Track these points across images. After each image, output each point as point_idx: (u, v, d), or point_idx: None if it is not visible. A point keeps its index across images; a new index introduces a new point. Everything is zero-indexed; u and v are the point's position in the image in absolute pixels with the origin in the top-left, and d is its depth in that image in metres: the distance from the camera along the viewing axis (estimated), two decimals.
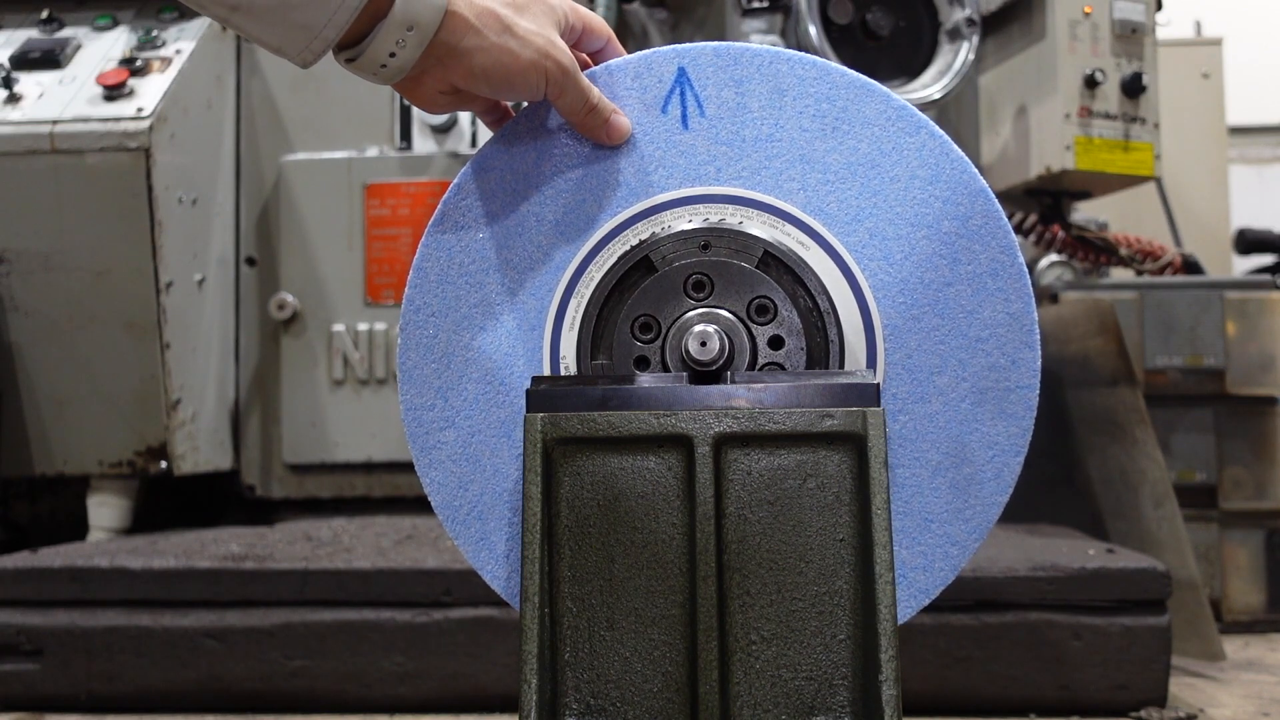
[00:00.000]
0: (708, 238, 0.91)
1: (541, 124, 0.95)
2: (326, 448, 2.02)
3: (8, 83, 1.87)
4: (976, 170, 0.92)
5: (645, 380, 0.86)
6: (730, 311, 0.89)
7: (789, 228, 0.92)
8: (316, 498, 2.05)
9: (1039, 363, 0.91)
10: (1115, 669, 1.41)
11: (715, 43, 0.95)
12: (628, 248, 0.92)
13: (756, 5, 1.92)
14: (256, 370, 2.06)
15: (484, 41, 0.86)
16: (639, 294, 0.91)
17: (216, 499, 2.13)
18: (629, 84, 0.94)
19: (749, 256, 0.90)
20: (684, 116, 0.94)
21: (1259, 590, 2.05)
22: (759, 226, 0.91)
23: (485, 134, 1.99)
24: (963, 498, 0.91)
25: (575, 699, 0.81)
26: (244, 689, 1.46)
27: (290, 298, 2.02)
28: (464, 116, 2.03)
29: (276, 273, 2.04)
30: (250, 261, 2.06)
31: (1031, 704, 1.42)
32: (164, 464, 1.86)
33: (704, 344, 0.85)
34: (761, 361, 0.89)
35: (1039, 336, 0.91)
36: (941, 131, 0.93)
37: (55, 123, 1.79)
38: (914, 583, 0.91)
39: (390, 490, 2.02)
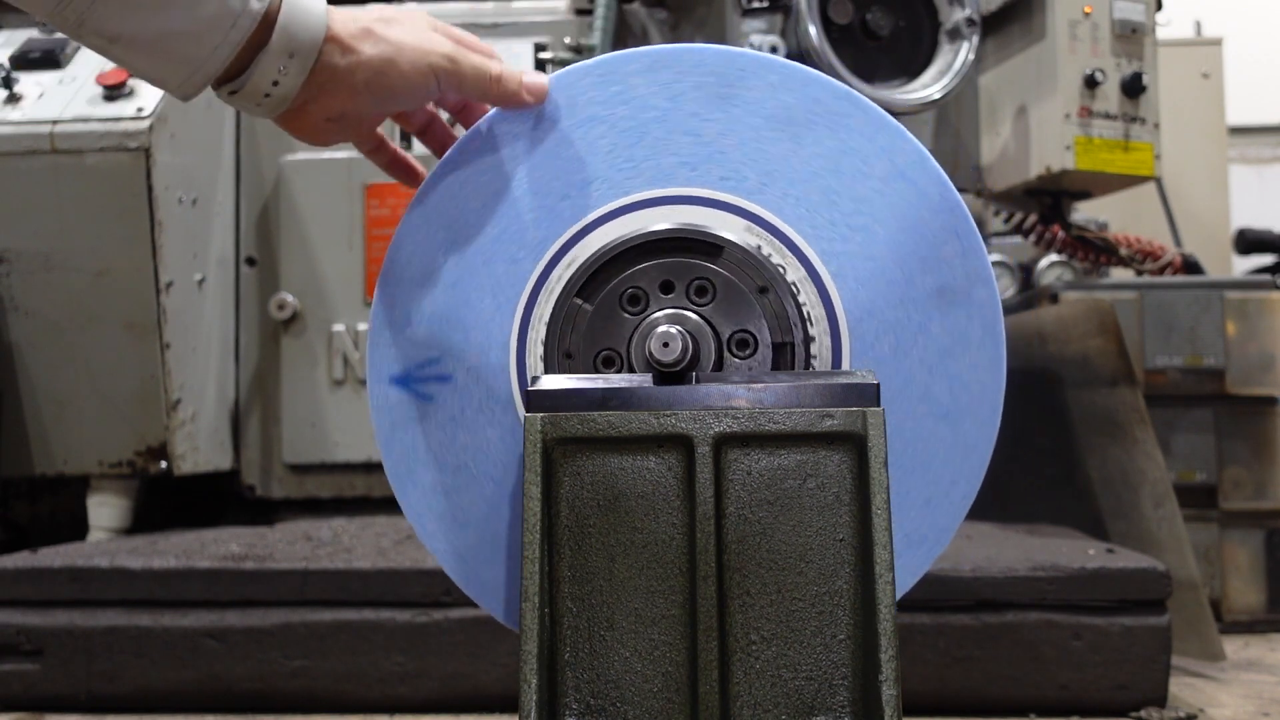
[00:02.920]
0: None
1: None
2: (326, 448, 2.02)
3: (8, 83, 1.87)
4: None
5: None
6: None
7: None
8: (316, 498, 2.05)
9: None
10: (1115, 669, 1.41)
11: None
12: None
13: (756, 5, 1.92)
14: (256, 370, 2.06)
15: (360, 57, 0.86)
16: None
17: (216, 499, 2.13)
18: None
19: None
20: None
21: (1259, 590, 2.05)
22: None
23: None
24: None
25: (575, 699, 0.81)
26: (244, 689, 1.46)
27: (290, 298, 2.02)
28: None
29: (276, 273, 2.04)
30: (250, 261, 2.06)
31: (1031, 704, 1.42)
32: (164, 464, 1.86)
33: (666, 345, 0.85)
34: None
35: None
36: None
37: (55, 123, 1.79)
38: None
39: (390, 490, 2.02)
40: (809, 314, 0.90)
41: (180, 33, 0.81)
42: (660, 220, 0.91)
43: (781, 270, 0.90)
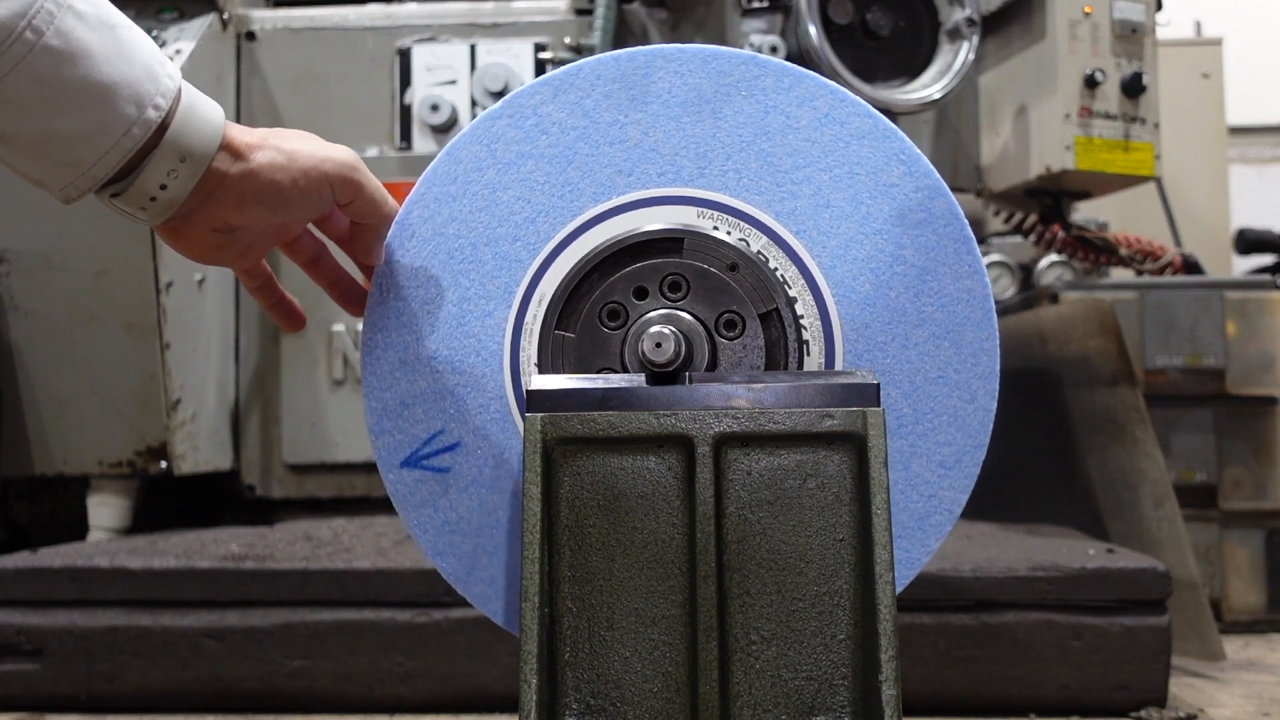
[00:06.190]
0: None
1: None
2: (326, 448, 2.02)
3: None
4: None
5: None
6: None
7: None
8: (316, 498, 2.04)
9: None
10: (1115, 669, 1.41)
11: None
12: (612, 235, 0.92)
13: (756, 5, 1.92)
14: (256, 370, 2.06)
15: (251, 165, 0.82)
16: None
17: (216, 499, 2.13)
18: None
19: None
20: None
21: (1259, 590, 2.05)
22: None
23: None
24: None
25: (575, 699, 0.81)
26: (244, 689, 1.46)
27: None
28: (465, 115, 2.03)
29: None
30: None
31: (1031, 704, 1.42)
32: (164, 464, 1.86)
33: (659, 345, 0.85)
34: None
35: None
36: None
37: None
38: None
39: None
40: (783, 276, 0.91)
41: (69, 136, 0.76)
42: (614, 231, 0.91)
43: (744, 244, 0.91)
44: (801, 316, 0.91)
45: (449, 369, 0.93)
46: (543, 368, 0.91)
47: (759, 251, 0.91)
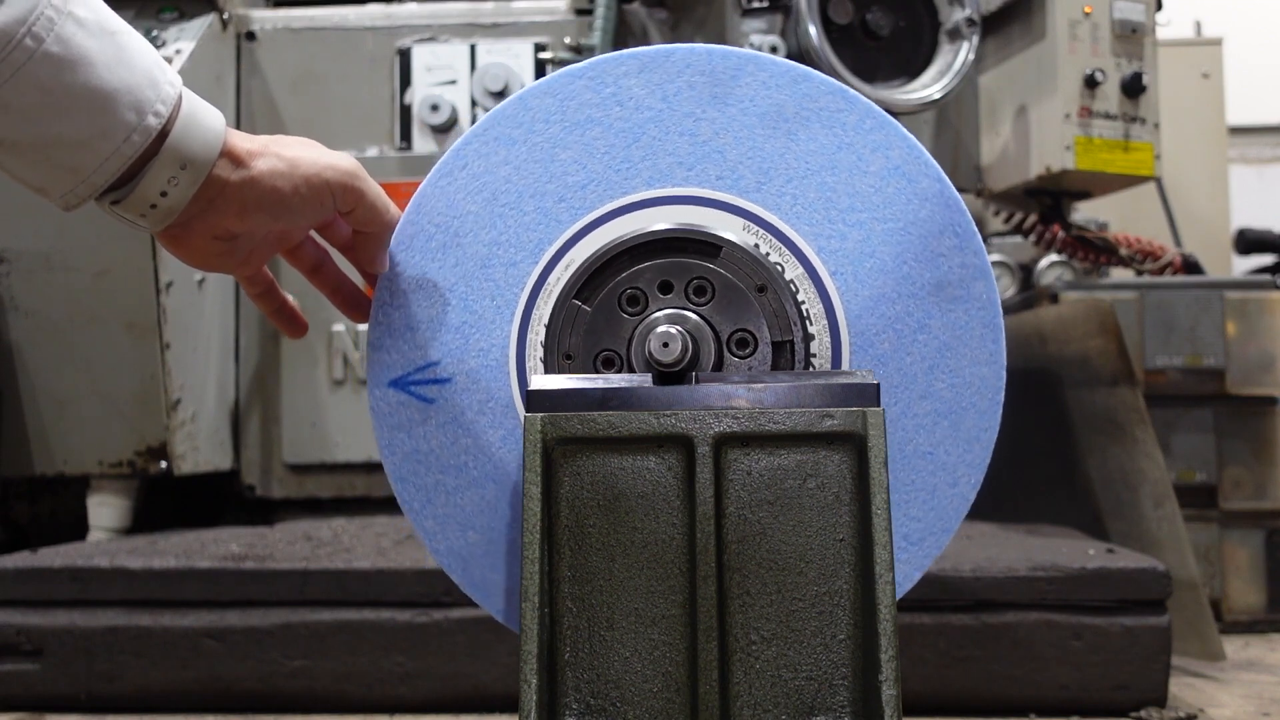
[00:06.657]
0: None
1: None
2: (326, 448, 2.02)
3: None
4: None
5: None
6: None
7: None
8: (316, 498, 2.04)
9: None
10: (1115, 669, 1.41)
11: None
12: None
13: (756, 5, 1.92)
14: (256, 370, 2.06)
15: (252, 172, 0.82)
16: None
17: (216, 499, 2.13)
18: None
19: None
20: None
21: (1259, 590, 2.05)
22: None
23: None
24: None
25: (575, 699, 0.81)
26: (244, 689, 1.46)
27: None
28: (465, 115, 2.03)
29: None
30: None
31: (1031, 704, 1.42)
32: (164, 464, 1.86)
33: (666, 345, 0.85)
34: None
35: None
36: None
37: None
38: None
39: (390, 490, 2.02)
40: (808, 311, 0.90)
41: (69, 142, 0.77)
42: (658, 221, 0.91)
43: (779, 268, 0.90)
44: (814, 355, 0.90)
45: (461, 305, 0.93)
46: (550, 331, 0.91)
47: (792, 280, 0.91)
